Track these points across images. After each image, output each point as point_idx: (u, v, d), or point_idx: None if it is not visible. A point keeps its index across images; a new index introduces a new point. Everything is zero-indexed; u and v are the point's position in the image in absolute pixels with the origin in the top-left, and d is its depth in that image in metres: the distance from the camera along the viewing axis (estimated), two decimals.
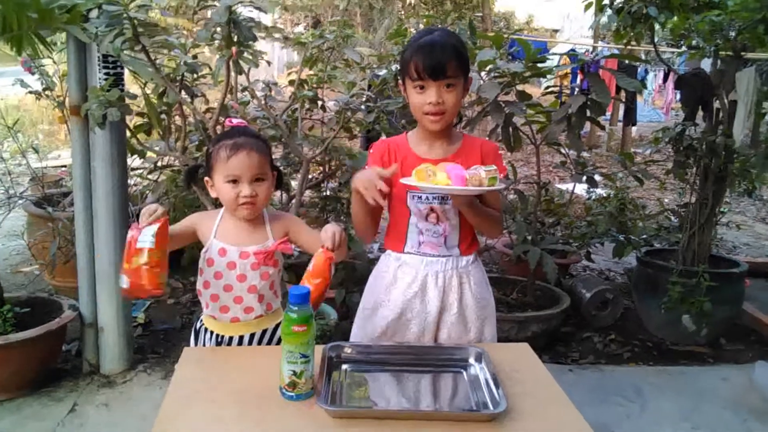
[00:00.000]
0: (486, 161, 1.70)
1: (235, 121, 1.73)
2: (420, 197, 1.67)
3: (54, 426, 2.41)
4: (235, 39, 2.30)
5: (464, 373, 1.48)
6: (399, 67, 1.73)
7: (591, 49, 8.82)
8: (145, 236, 1.41)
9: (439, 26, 2.77)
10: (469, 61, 1.67)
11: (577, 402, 1.34)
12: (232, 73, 2.47)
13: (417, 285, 1.72)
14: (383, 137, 2.45)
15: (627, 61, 7.39)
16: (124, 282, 1.41)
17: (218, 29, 2.32)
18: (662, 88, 9.63)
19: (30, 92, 3.90)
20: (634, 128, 9.89)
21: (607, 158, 8.52)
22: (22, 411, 2.51)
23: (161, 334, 3.24)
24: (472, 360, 1.51)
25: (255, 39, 2.33)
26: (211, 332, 1.67)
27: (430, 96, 1.60)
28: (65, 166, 5.29)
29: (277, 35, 2.93)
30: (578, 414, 1.30)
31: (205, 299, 1.66)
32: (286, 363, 1.30)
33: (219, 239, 1.62)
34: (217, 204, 1.89)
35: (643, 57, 6.65)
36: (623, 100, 8.07)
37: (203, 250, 1.63)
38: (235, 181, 1.58)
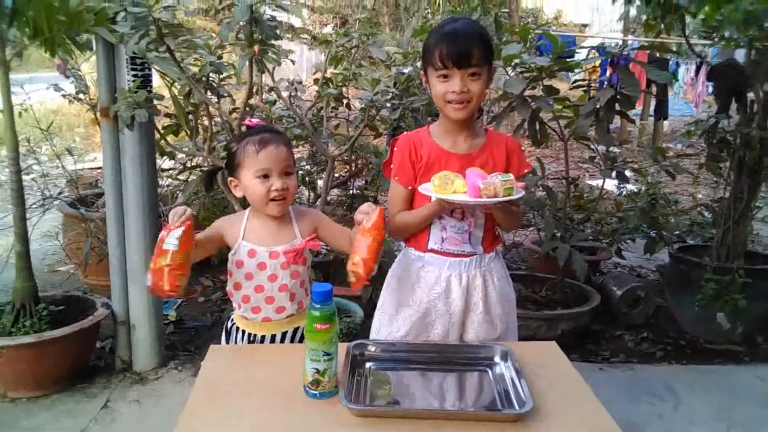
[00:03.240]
0: (511, 157, 1.69)
1: (254, 120, 1.73)
2: None
3: (87, 422, 2.46)
4: (258, 38, 2.32)
5: (489, 371, 1.46)
6: (421, 56, 1.70)
7: (621, 42, 8.66)
8: (171, 238, 1.44)
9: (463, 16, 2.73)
10: (493, 49, 1.64)
11: (608, 401, 1.32)
12: (256, 72, 2.48)
13: (441, 286, 1.70)
14: None
15: (657, 54, 7.25)
16: (149, 280, 1.46)
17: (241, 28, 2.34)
18: (694, 81, 9.35)
19: (63, 96, 3.98)
20: (666, 122, 9.66)
21: (638, 153, 8.36)
22: (57, 407, 2.56)
23: (192, 331, 3.29)
24: (497, 358, 1.48)
25: (278, 37, 2.34)
26: (243, 331, 1.67)
27: (454, 85, 1.56)
28: (100, 168, 5.39)
29: (304, 36, 2.95)
30: (606, 412, 1.27)
31: (236, 300, 1.67)
32: (310, 361, 1.30)
33: (247, 240, 1.62)
34: (244, 204, 1.90)
35: (675, 50, 6.51)
36: (654, 93, 7.91)
37: (231, 252, 1.63)
38: (265, 176, 1.57)
